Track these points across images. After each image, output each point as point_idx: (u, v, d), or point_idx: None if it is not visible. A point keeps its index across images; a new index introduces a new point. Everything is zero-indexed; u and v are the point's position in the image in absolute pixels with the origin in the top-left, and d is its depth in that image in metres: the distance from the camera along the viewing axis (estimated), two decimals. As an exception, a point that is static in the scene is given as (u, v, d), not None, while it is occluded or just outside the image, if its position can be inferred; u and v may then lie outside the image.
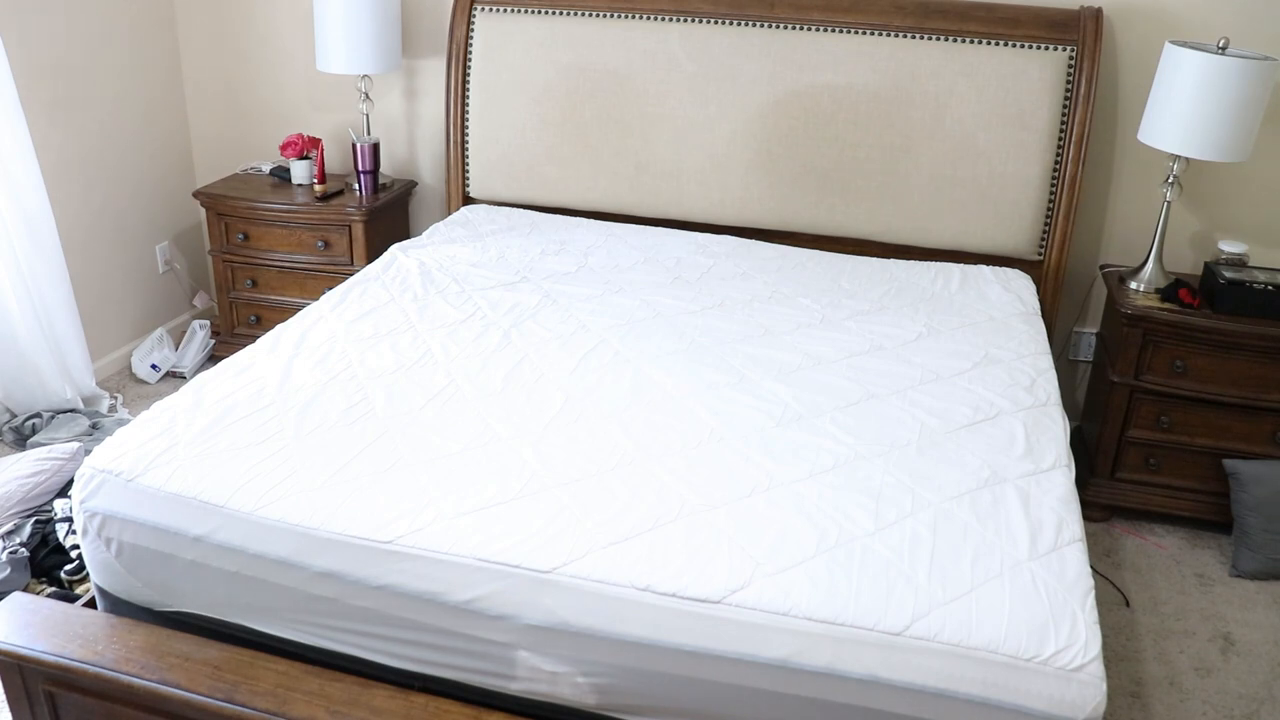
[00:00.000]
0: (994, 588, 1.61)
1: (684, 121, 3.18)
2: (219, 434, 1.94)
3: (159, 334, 3.70)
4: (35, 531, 2.58)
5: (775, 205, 3.18)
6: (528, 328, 2.47)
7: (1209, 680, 2.40)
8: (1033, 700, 1.49)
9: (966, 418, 2.12)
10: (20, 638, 1.74)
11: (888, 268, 3.00)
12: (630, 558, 1.65)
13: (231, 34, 3.72)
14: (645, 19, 3.18)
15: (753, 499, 1.80)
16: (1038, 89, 2.92)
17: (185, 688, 1.65)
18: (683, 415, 2.08)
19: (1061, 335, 3.31)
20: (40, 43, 3.17)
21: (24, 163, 3.02)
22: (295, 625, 1.80)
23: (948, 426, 2.09)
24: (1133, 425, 2.91)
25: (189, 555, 1.81)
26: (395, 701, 1.64)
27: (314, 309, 2.54)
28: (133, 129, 3.61)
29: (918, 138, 3.02)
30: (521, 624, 1.64)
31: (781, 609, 1.57)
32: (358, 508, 1.75)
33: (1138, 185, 3.13)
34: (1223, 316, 2.77)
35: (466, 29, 3.32)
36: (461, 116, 3.40)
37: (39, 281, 3.14)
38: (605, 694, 1.66)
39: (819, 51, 3.05)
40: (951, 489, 1.86)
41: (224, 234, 3.50)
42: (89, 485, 1.86)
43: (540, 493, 1.80)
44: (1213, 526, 2.96)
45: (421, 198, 3.77)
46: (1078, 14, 2.94)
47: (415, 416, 2.04)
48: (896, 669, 1.52)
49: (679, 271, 2.89)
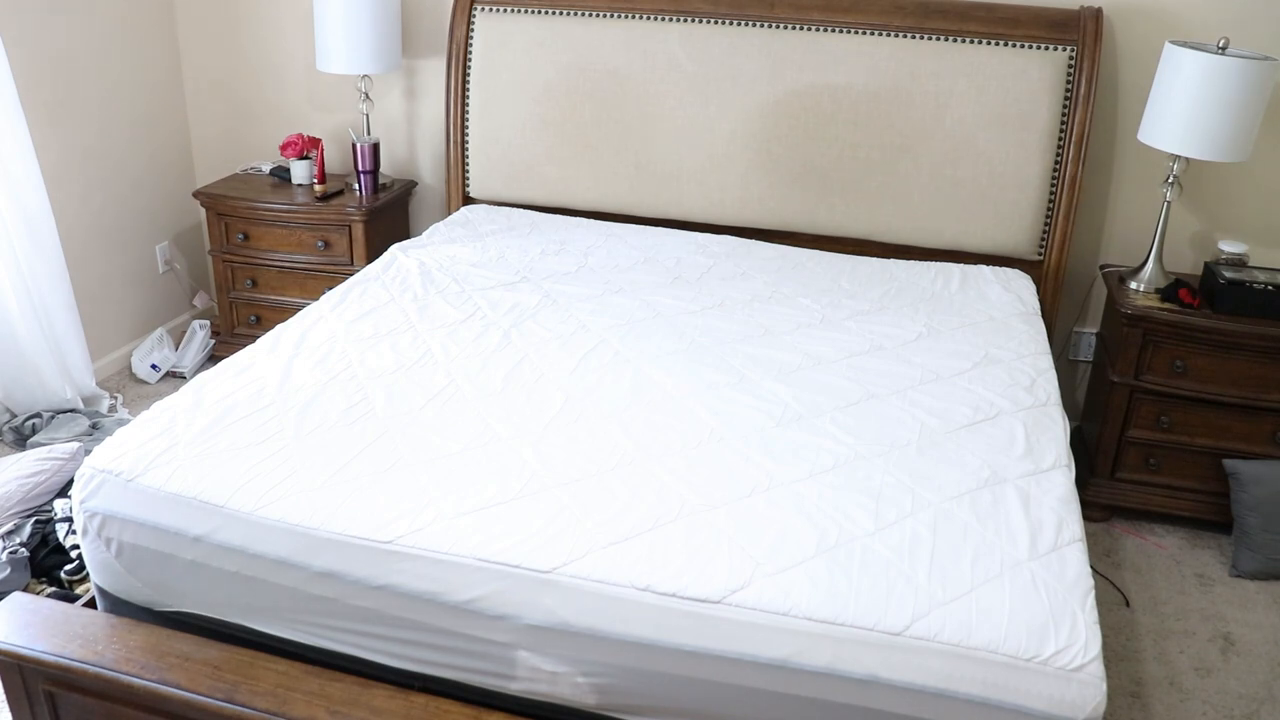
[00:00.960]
0: (994, 588, 1.61)
1: (684, 121, 3.18)
2: (219, 434, 1.94)
3: (159, 334, 3.70)
4: (35, 531, 2.58)
5: (775, 205, 3.18)
6: (528, 328, 2.47)
7: (1209, 680, 2.40)
8: (1033, 700, 1.49)
9: (966, 418, 2.12)
10: (20, 638, 1.74)
11: (888, 268, 3.00)
12: (630, 558, 1.65)
13: (231, 34, 3.72)
14: (645, 19, 3.18)
15: (753, 499, 1.80)
16: (1038, 89, 2.92)
17: (185, 688, 1.65)
18: (683, 415, 2.08)
19: (1061, 335, 3.31)
20: (40, 43, 3.17)
21: (24, 163, 3.02)
22: (295, 625, 1.80)
23: (948, 426, 2.09)
24: (1133, 425, 2.91)
25: (189, 555, 1.81)
26: (395, 701, 1.64)
27: (314, 309, 2.54)
28: (133, 129, 3.61)
29: (918, 138, 3.02)
30: (521, 624, 1.64)
31: (781, 609, 1.57)
32: (358, 508, 1.75)
33: (1138, 185, 3.13)
34: (1223, 316, 2.77)
35: (466, 29, 3.32)
36: (461, 116, 3.40)
37: (39, 281, 3.14)
38: (605, 694, 1.66)
39: (819, 51, 3.05)
40: (951, 489, 1.86)
41: (224, 234, 3.50)
42: (89, 485, 1.86)
43: (540, 493, 1.80)
44: (1213, 526, 2.96)
45: (421, 198, 3.77)
46: (1078, 14, 2.94)
47: (415, 416, 2.04)
48: (896, 669, 1.52)
49: (679, 271, 2.89)
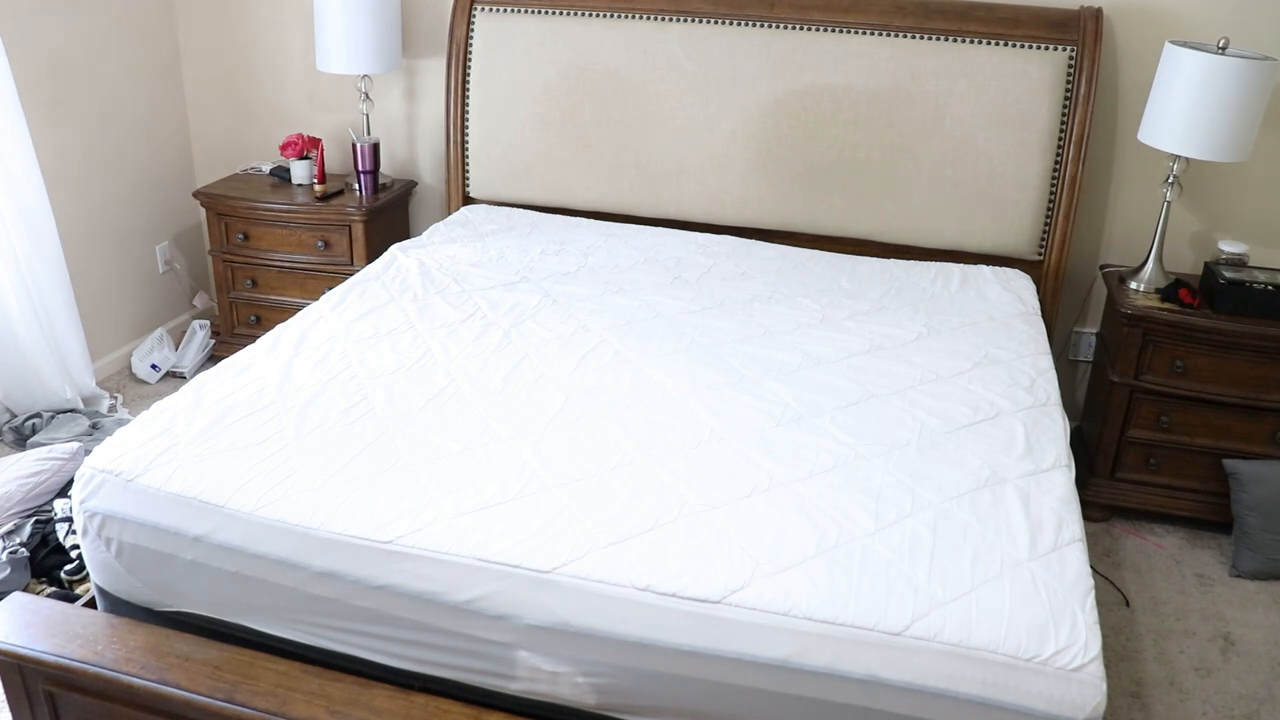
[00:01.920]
0: (994, 588, 1.61)
1: (684, 121, 3.18)
2: (219, 434, 1.94)
3: (159, 334, 3.70)
4: (35, 531, 2.58)
5: (775, 205, 3.18)
6: (528, 328, 2.47)
7: (1209, 680, 2.40)
8: (1033, 700, 1.49)
9: (966, 418, 2.12)
10: (20, 638, 1.74)
11: (888, 268, 3.00)
12: (630, 558, 1.65)
13: (231, 34, 3.72)
14: (645, 19, 3.18)
15: (753, 499, 1.80)
16: (1038, 89, 2.92)
17: (185, 688, 1.65)
18: (683, 415, 2.08)
19: (1061, 335, 3.31)
20: (40, 42, 3.17)
21: (24, 162, 3.01)
22: (295, 625, 1.80)
23: (948, 426, 2.09)
24: (1133, 425, 2.91)
25: (189, 555, 1.81)
26: (395, 701, 1.64)
27: (314, 309, 2.54)
28: (132, 129, 3.61)
29: (918, 138, 3.02)
30: (521, 624, 1.64)
31: (781, 609, 1.57)
32: (358, 508, 1.75)
33: (1138, 185, 3.13)
34: (1223, 316, 2.77)
35: (466, 29, 3.32)
36: (461, 116, 3.40)
37: (39, 281, 3.14)
38: (605, 694, 1.66)
39: (819, 51, 3.05)
40: (951, 489, 1.86)
41: (224, 234, 3.50)
42: (89, 485, 1.86)
43: (540, 493, 1.80)
44: (1213, 526, 2.96)
45: (421, 198, 3.77)
46: (1078, 14, 2.94)
47: (415, 416, 2.03)
48: (896, 669, 1.52)
49: (679, 272, 2.89)
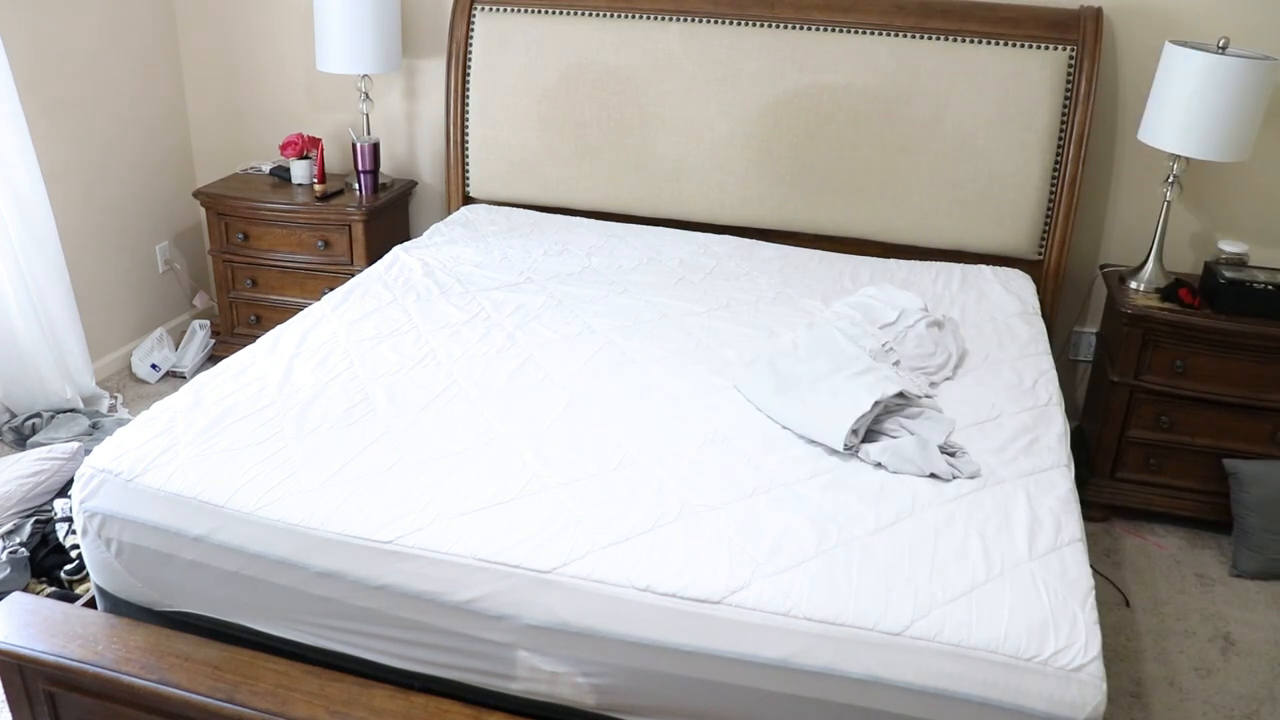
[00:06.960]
0: (994, 588, 1.61)
1: (684, 121, 3.18)
2: (219, 434, 1.94)
3: (159, 334, 3.70)
4: (35, 531, 2.58)
5: (775, 205, 3.18)
6: (533, 329, 2.47)
7: (1209, 680, 2.40)
8: (1033, 700, 1.49)
9: (967, 418, 2.12)
10: (20, 638, 1.74)
11: (889, 268, 3.00)
12: (630, 558, 1.65)
13: (231, 34, 3.72)
14: (645, 19, 3.18)
15: (753, 499, 1.80)
16: (1038, 89, 2.92)
17: (185, 688, 1.65)
18: (685, 416, 2.08)
19: (1061, 335, 3.31)
20: (40, 43, 3.17)
21: (24, 162, 3.01)
22: (295, 625, 1.80)
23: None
24: (1133, 425, 2.91)
25: (189, 555, 1.81)
26: (395, 701, 1.64)
27: (315, 309, 2.54)
28: (133, 129, 3.60)
29: (918, 138, 3.02)
30: (521, 624, 1.64)
31: (781, 609, 1.57)
32: (358, 508, 1.75)
33: (1138, 185, 3.13)
34: (1223, 316, 2.77)
35: (466, 29, 3.32)
36: (461, 116, 3.40)
37: (39, 281, 3.14)
38: (605, 694, 1.66)
39: (819, 51, 3.05)
40: (951, 489, 1.86)
41: (224, 234, 3.50)
42: (89, 485, 1.86)
43: (540, 493, 1.80)
44: (1213, 526, 2.96)
45: (421, 198, 3.77)
46: (1078, 14, 2.94)
47: (416, 416, 2.03)
48: (896, 669, 1.52)
49: (682, 273, 2.89)
